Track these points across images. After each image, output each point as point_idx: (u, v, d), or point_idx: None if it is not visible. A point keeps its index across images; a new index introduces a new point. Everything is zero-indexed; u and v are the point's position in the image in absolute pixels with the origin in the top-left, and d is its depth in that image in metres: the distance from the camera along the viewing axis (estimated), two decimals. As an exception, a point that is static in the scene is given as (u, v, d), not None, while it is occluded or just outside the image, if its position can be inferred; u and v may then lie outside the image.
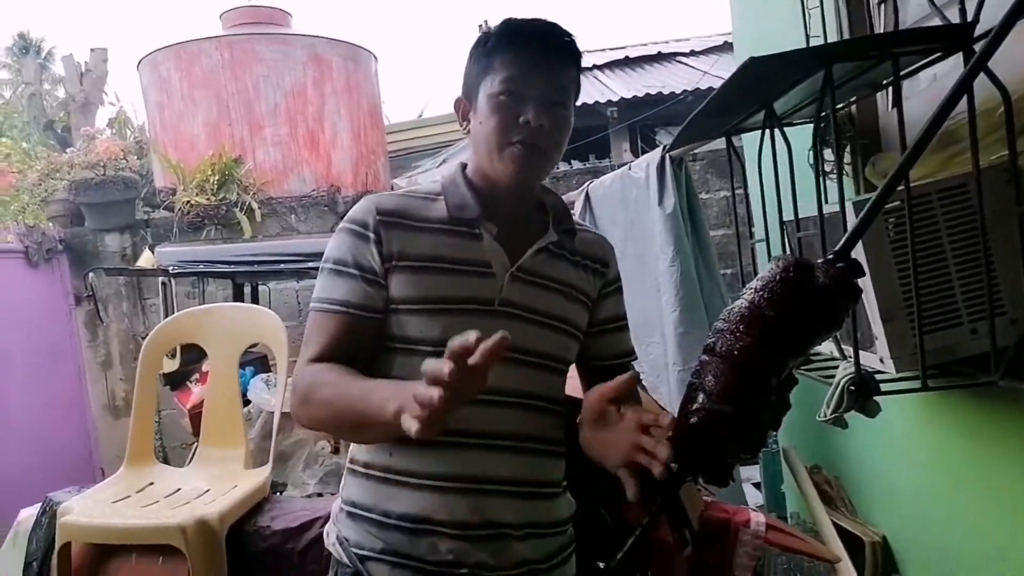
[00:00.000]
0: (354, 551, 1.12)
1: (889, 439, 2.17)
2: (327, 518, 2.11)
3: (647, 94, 5.88)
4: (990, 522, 1.71)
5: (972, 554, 1.81)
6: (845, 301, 1.14)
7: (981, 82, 1.31)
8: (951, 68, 1.67)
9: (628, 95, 5.96)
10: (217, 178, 4.87)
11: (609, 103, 5.94)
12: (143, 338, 2.43)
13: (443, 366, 0.78)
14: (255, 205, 4.91)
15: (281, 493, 3.16)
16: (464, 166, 1.22)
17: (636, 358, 1.33)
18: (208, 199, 4.84)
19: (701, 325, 2.51)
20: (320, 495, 2.95)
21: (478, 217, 1.14)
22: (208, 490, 2.07)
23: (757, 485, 4.19)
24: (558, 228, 1.20)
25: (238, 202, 4.90)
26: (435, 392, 0.79)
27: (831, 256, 1.17)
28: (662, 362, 2.72)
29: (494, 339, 0.79)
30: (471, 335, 0.78)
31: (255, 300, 4.34)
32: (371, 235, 1.11)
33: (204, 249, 4.10)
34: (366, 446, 1.15)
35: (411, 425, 0.83)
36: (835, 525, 2.34)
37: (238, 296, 4.26)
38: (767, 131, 1.88)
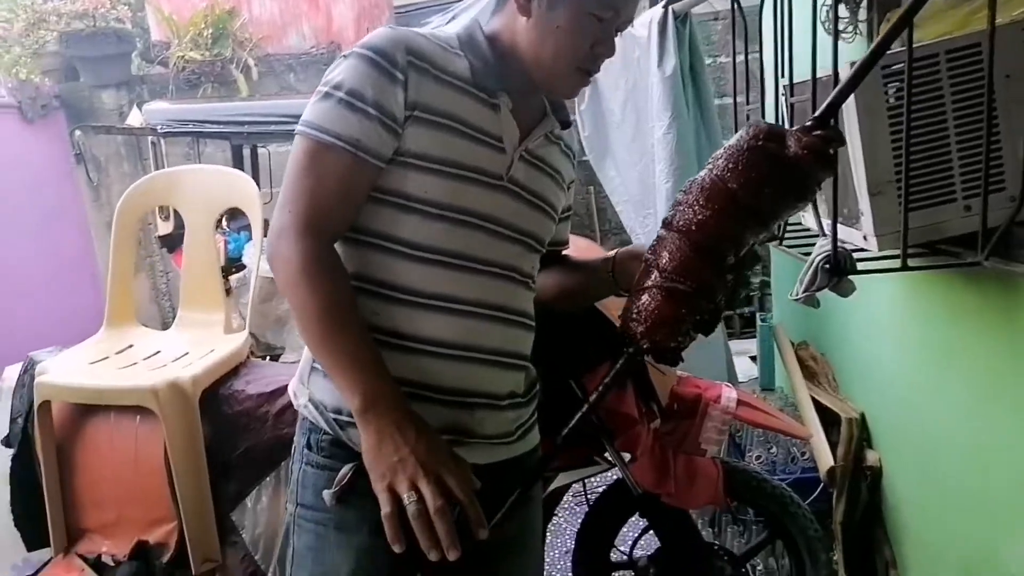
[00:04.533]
0: (332, 416, 1.08)
1: (872, 318, 2.11)
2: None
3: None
4: (965, 405, 1.67)
5: (946, 435, 1.79)
6: (818, 173, 1.06)
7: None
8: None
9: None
10: (211, 32, 4.65)
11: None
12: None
13: None
14: (251, 62, 4.73)
15: (278, 358, 3.22)
16: (480, 26, 1.13)
17: (568, 247, 1.35)
18: (203, 55, 4.65)
19: (694, 197, 2.40)
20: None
21: (499, 87, 1.09)
22: (187, 353, 2.08)
23: (753, 359, 4.22)
24: (557, 115, 1.19)
25: (234, 59, 4.71)
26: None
27: (809, 123, 1.07)
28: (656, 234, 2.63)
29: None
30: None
31: (254, 163, 4.24)
32: (399, 76, 1.01)
33: (196, 107, 3.98)
34: (349, 300, 1.06)
35: None
36: (815, 400, 2.34)
37: (237, 158, 4.16)
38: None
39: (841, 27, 2.07)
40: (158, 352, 2.12)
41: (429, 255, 1.05)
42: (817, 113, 1.07)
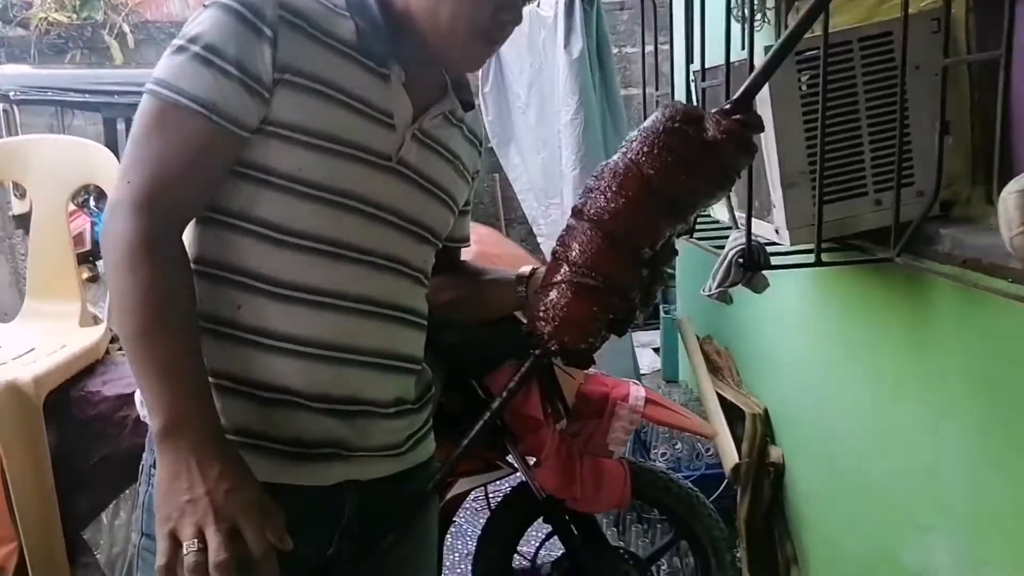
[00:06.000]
0: None
1: (777, 312, 2.09)
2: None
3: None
4: (868, 401, 1.66)
5: (848, 430, 1.78)
6: (738, 159, 0.97)
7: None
8: None
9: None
10: (79, -7, 4.23)
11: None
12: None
13: None
14: (127, 28, 4.32)
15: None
16: None
17: (468, 244, 1.22)
18: (69, 18, 4.22)
19: (600, 186, 2.31)
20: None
21: (390, 55, 0.95)
22: (32, 349, 1.82)
23: (656, 350, 4.24)
24: (458, 95, 1.06)
25: (106, 24, 4.30)
26: None
27: (727, 106, 0.98)
28: (561, 226, 2.53)
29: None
30: None
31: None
32: (267, 31, 0.86)
33: (59, 74, 3.59)
34: (207, 294, 0.92)
35: None
36: (720, 396, 2.31)
37: (110, 133, 3.80)
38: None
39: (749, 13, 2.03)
40: (-1, 348, 1.84)
41: (300, 241, 0.91)
42: (735, 96, 0.99)
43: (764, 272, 1.37)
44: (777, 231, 1.47)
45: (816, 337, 1.92)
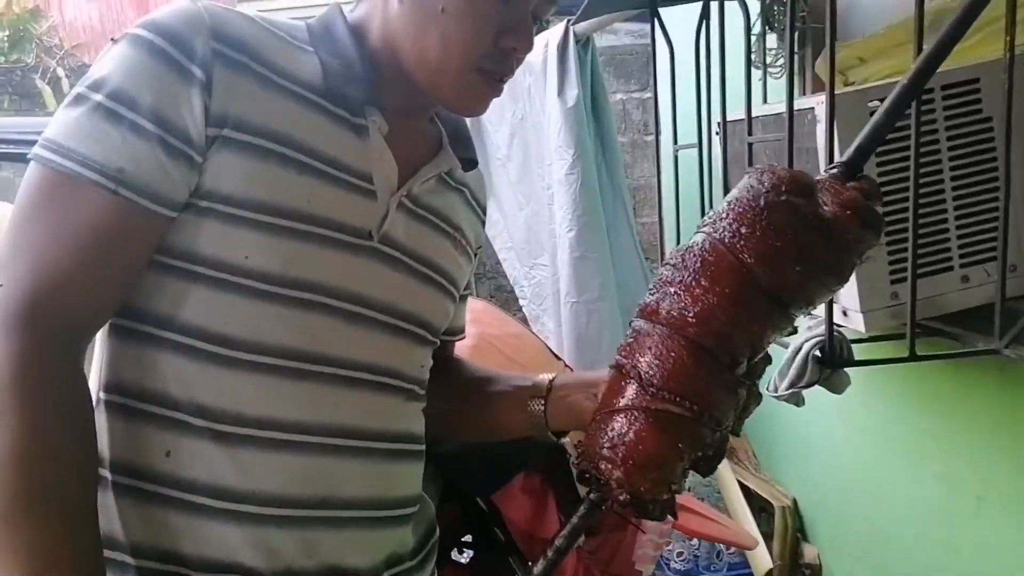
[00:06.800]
0: None
1: (815, 394, 1.84)
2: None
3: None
4: (940, 506, 1.41)
5: (910, 536, 1.52)
6: (864, 240, 0.73)
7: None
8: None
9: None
10: (7, 34, 3.90)
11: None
12: None
13: None
14: (62, 72, 4.00)
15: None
16: (343, 14, 0.79)
17: (464, 337, 0.97)
18: (-4, 61, 3.89)
19: (602, 248, 2.07)
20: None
21: (367, 100, 0.74)
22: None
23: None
24: (457, 151, 0.86)
25: (38, 67, 3.97)
26: None
27: (835, 169, 0.74)
28: (549, 290, 2.27)
29: None
30: None
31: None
32: (197, 72, 0.65)
33: (-19, 123, 3.23)
34: (122, 437, 0.68)
35: None
36: (740, 484, 2.05)
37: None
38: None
39: (770, 60, 1.83)
40: None
41: (251, 356, 0.67)
42: (847, 156, 0.75)
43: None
44: (845, 313, 1.22)
45: (868, 428, 1.68)
